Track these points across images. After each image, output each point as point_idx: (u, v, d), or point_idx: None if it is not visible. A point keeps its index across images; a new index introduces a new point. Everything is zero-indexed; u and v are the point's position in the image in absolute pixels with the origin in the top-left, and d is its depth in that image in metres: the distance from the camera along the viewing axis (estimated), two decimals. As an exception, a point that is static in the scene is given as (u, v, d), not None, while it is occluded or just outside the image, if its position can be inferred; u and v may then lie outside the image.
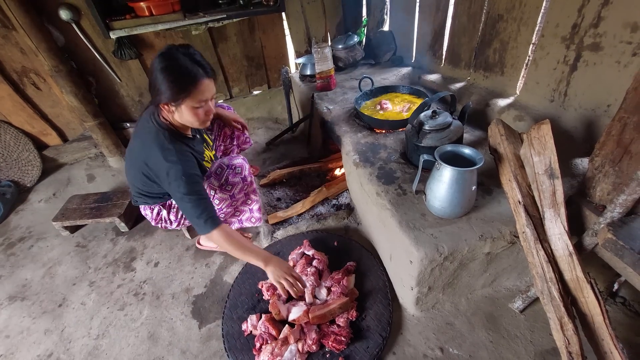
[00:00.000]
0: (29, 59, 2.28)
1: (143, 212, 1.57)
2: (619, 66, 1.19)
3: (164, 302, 1.60)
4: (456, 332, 1.30)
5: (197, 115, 1.21)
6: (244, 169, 1.53)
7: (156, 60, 1.13)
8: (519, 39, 1.55)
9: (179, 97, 1.14)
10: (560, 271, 1.05)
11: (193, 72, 1.13)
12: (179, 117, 1.22)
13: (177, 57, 1.12)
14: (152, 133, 1.25)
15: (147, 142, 1.26)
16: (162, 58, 1.12)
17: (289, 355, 1.20)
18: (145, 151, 1.27)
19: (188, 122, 1.24)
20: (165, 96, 1.14)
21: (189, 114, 1.20)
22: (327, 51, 2.09)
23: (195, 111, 1.20)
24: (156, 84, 1.13)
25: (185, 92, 1.14)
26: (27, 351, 1.48)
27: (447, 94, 1.42)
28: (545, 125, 1.14)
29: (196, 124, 1.25)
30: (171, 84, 1.12)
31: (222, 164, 1.49)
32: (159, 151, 1.22)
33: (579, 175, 1.29)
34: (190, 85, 1.14)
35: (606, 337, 0.94)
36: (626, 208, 0.96)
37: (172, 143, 1.23)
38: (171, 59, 1.12)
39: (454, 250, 1.15)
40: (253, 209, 1.66)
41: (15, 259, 1.98)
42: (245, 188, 1.57)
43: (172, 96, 1.13)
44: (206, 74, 1.17)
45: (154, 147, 1.23)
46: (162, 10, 2.17)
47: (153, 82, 1.15)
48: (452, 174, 1.11)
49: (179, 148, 1.25)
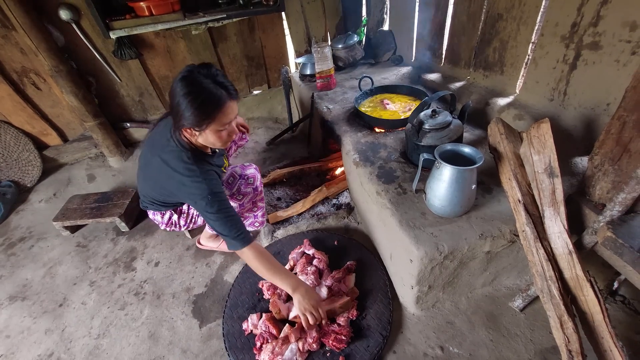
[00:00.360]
0: (29, 59, 2.28)
1: (152, 216, 1.53)
2: (618, 65, 1.20)
3: (165, 301, 1.60)
4: (456, 331, 1.31)
5: (220, 138, 1.17)
6: (256, 179, 1.56)
7: (178, 85, 1.06)
8: (518, 38, 1.55)
9: (203, 123, 1.10)
10: (560, 270, 1.05)
11: (217, 97, 1.08)
12: (202, 140, 1.18)
13: (200, 81, 1.06)
14: (174, 153, 1.20)
15: (169, 162, 1.21)
16: (184, 83, 1.06)
17: (289, 354, 1.20)
18: (167, 172, 1.21)
19: (210, 144, 1.20)
20: (189, 122, 1.09)
21: (212, 137, 1.16)
22: (327, 51, 2.09)
23: (219, 134, 1.16)
24: (179, 110, 1.08)
25: (210, 118, 1.09)
26: (28, 351, 1.48)
27: (447, 93, 1.42)
28: (544, 124, 1.15)
29: (218, 145, 1.21)
30: (196, 111, 1.06)
31: (234, 172, 1.50)
32: (183, 173, 1.18)
33: (579, 173, 1.29)
34: (216, 110, 1.09)
35: (606, 335, 0.95)
36: (626, 206, 0.96)
37: (195, 164, 1.19)
38: (194, 84, 1.06)
39: (454, 249, 1.15)
40: (258, 214, 1.68)
41: (16, 259, 1.98)
42: (254, 197, 1.58)
43: (197, 123, 1.09)
44: (230, 96, 1.11)
45: (178, 169, 1.19)
46: (162, 10, 2.17)
47: (176, 107, 1.09)
48: (452, 173, 1.11)
49: (202, 168, 1.21)
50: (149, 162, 1.30)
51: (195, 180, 1.17)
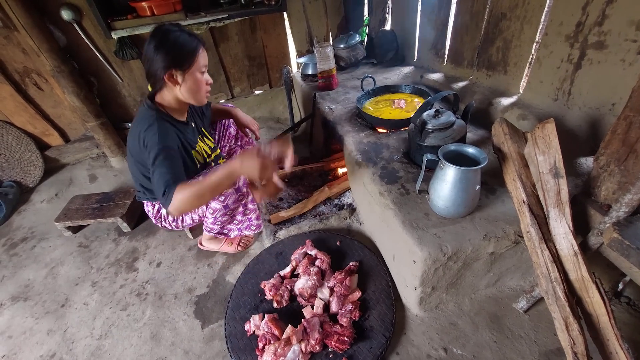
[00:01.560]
0: (30, 59, 2.28)
1: (145, 207, 1.58)
2: (623, 64, 1.19)
3: (167, 302, 1.60)
4: (460, 332, 1.30)
5: (200, 82, 1.28)
6: (239, 179, 1.47)
7: (151, 40, 1.18)
8: (522, 38, 1.54)
9: (185, 62, 1.21)
10: (565, 271, 1.04)
11: (193, 40, 1.22)
12: (186, 88, 1.26)
13: (172, 30, 1.20)
14: (141, 114, 1.30)
15: (135, 123, 1.31)
16: (157, 34, 1.19)
17: (292, 355, 1.19)
18: (133, 131, 1.31)
19: (192, 92, 1.29)
20: (170, 63, 1.19)
21: (194, 83, 1.26)
22: (328, 50, 2.09)
23: (200, 78, 1.27)
24: (157, 58, 1.18)
25: (191, 57, 1.21)
26: (30, 352, 1.48)
27: (450, 93, 1.41)
28: (549, 124, 1.14)
29: (199, 94, 1.30)
30: (176, 51, 1.18)
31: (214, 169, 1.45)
32: (142, 125, 1.26)
33: (584, 174, 1.28)
34: (194, 51, 1.22)
35: (612, 337, 0.94)
36: (632, 207, 0.95)
37: (157, 121, 1.26)
38: (168, 33, 1.19)
39: (457, 250, 1.14)
40: (252, 217, 1.62)
41: (18, 260, 1.99)
42: (240, 199, 1.51)
43: (179, 61, 1.20)
44: (201, 43, 1.26)
45: (140, 123, 1.27)
46: (163, 10, 2.17)
47: (152, 58, 1.19)
48: (456, 174, 1.10)
49: (162, 124, 1.26)
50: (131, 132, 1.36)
51: (148, 131, 1.23)
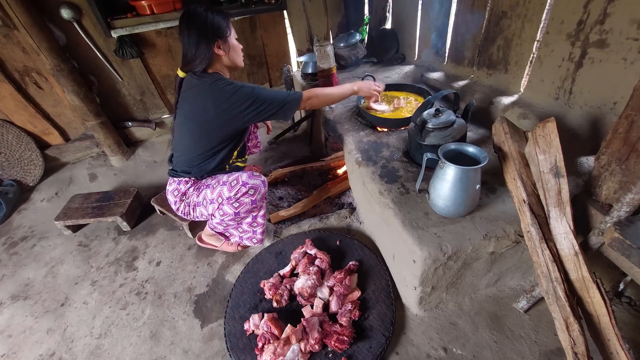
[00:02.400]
0: (30, 58, 2.28)
1: (175, 185, 1.53)
2: (625, 63, 1.18)
3: (166, 301, 1.60)
4: (460, 332, 1.29)
5: (239, 47, 1.44)
6: (258, 192, 1.45)
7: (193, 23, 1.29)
8: (523, 36, 1.53)
9: (225, 31, 1.35)
10: (565, 271, 1.04)
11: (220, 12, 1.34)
12: (231, 54, 1.40)
13: (201, 10, 1.31)
14: (208, 79, 1.34)
15: (208, 88, 1.34)
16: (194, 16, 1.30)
17: (291, 355, 1.19)
18: (206, 94, 1.34)
19: (237, 57, 1.43)
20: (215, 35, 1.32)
21: (236, 48, 1.42)
22: (328, 49, 2.08)
23: (237, 43, 1.43)
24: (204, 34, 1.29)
25: (227, 24, 1.36)
26: (30, 350, 1.48)
27: (450, 92, 1.40)
28: (550, 123, 1.13)
29: (241, 57, 1.46)
30: (214, 24, 1.31)
31: (239, 177, 1.43)
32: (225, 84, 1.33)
33: (585, 173, 1.28)
34: (227, 20, 1.36)
35: (612, 337, 0.93)
36: (633, 207, 0.94)
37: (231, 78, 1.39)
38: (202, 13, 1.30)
39: (457, 250, 1.14)
40: (257, 231, 1.62)
41: (18, 258, 1.99)
42: (253, 210, 1.52)
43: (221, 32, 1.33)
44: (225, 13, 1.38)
45: (218, 85, 1.32)
46: (163, 9, 2.17)
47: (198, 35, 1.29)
48: (456, 173, 1.10)
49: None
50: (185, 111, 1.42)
51: (237, 84, 1.33)
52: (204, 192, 1.47)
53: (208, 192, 1.46)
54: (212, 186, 1.46)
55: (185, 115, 1.42)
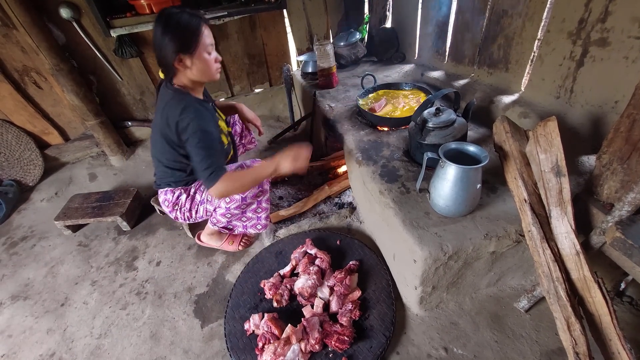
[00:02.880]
0: (29, 57, 2.27)
1: (163, 196, 1.53)
2: (627, 61, 1.17)
3: (166, 301, 1.60)
4: (460, 332, 1.29)
5: (209, 62, 1.28)
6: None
7: (157, 26, 1.19)
8: (524, 35, 1.53)
9: (190, 46, 1.21)
10: (567, 270, 1.03)
11: (194, 21, 1.21)
12: (196, 70, 1.27)
13: (174, 13, 1.20)
14: (169, 95, 1.30)
15: (167, 105, 1.30)
16: (160, 20, 1.19)
17: (291, 355, 1.19)
18: (166, 112, 1.30)
19: (203, 72, 1.30)
20: (177, 49, 1.20)
21: (203, 63, 1.27)
22: (328, 48, 2.07)
23: (208, 58, 1.27)
24: (164, 44, 1.19)
25: (195, 39, 1.21)
26: (30, 351, 1.48)
27: (450, 91, 1.40)
28: (551, 122, 1.12)
29: (210, 72, 1.31)
30: (180, 35, 1.19)
31: (243, 164, 1.47)
32: (178, 107, 1.27)
33: (586, 173, 1.27)
34: (197, 32, 1.21)
35: (614, 337, 0.93)
36: (635, 206, 0.94)
37: (193, 102, 1.30)
38: (170, 17, 1.19)
39: (458, 249, 1.14)
40: (261, 216, 1.62)
41: (18, 258, 1.99)
42: (259, 195, 1.52)
43: (185, 46, 1.20)
44: (204, 21, 1.24)
45: (173, 106, 1.28)
46: (162, 8, 2.16)
47: (160, 45, 1.20)
48: (457, 172, 1.09)
49: (199, 107, 1.30)
50: (155, 122, 1.39)
51: (187, 114, 1.25)
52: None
53: None
54: None
55: (155, 124, 1.40)
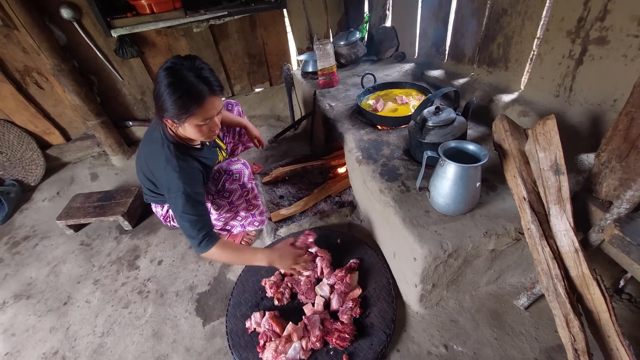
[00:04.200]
0: (31, 58, 2.28)
1: (154, 209, 1.58)
2: (625, 60, 1.18)
3: (168, 299, 1.61)
4: (460, 329, 1.30)
5: (200, 132, 1.17)
6: (243, 175, 1.45)
7: (161, 74, 1.07)
8: (523, 34, 1.53)
9: (182, 117, 1.10)
10: (566, 268, 1.04)
11: (198, 90, 1.07)
12: (183, 131, 1.19)
13: (182, 73, 1.06)
14: (158, 144, 1.22)
15: (153, 152, 1.24)
16: (167, 73, 1.06)
17: (292, 352, 1.20)
18: (151, 161, 1.26)
19: (191, 136, 1.20)
20: (167, 114, 1.10)
21: (192, 131, 1.16)
22: (328, 48, 2.08)
23: (199, 128, 1.16)
24: (160, 100, 1.09)
25: (189, 112, 1.09)
26: (33, 349, 1.49)
27: (450, 90, 1.40)
28: (550, 120, 1.13)
29: (200, 138, 1.22)
30: (174, 103, 1.07)
31: (220, 168, 1.44)
32: (163, 164, 1.20)
33: (585, 171, 1.28)
34: (195, 105, 1.08)
35: (612, 334, 0.94)
36: (633, 204, 0.94)
37: (176, 158, 1.19)
38: (176, 75, 1.06)
39: (458, 247, 1.14)
40: (255, 213, 1.62)
41: (20, 258, 2.00)
42: (245, 194, 1.50)
43: (176, 115, 1.09)
44: (212, 92, 1.11)
45: (159, 159, 1.21)
46: (163, 8, 2.16)
47: (157, 95, 1.10)
48: (456, 171, 1.10)
49: (183, 164, 1.21)
50: (140, 154, 1.36)
51: (171, 175, 1.18)
52: None
53: None
54: None
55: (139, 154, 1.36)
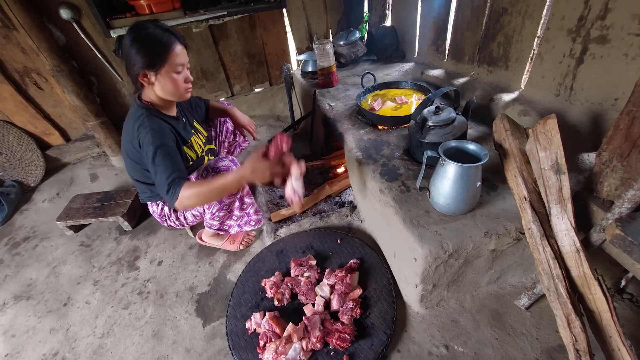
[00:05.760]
0: (30, 58, 2.28)
1: (150, 208, 1.58)
2: (626, 59, 1.17)
3: (168, 300, 1.60)
4: (461, 330, 1.29)
5: (176, 82, 1.23)
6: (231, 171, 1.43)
7: (127, 36, 1.15)
8: (523, 33, 1.52)
9: (157, 62, 1.17)
10: (567, 268, 1.04)
11: (166, 38, 1.17)
12: (161, 87, 1.23)
13: (147, 26, 1.16)
14: (132, 114, 1.28)
15: (128, 123, 1.29)
16: (132, 30, 1.16)
17: (293, 353, 1.19)
18: (127, 132, 1.30)
19: (169, 92, 1.25)
20: (142, 64, 1.16)
21: (169, 82, 1.22)
22: (328, 47, 2.07)
23: (175, 78, 1.22)
24: (131, 56, 1.16)
25: (163, 56, 1.17)
26: (33, 350, 1.49)
27: (450, 90, 1.40)
28: (551, 119, 1.12)
29: (177, 93, 1.27)
30: (147, 50, 1.14)
31: (208, 166, 1.42)
32: (136, 127, 1.24)
33: (586, 170, 1.27)
34: (166, 50, 1.16)
35: (614, 334, 0.93)
36: (635, 203, 0.94)
37: (147, 117, 1.24)
38: (141, 29, 1.15)
39: (458, 247, 1.14)
40: (250, 212, 1.59)
41: (20, 259, 1.99)
42: (236, 192, 1.49)
43: (150, 62, 1.16)
44: (178, 39, 1.20)
45: (133, 125, 1.26)
46: (162, 8, 2.16)
47: (128, 56, 1.17)
48: (457, 170, 1.10)
49: (153, 123, 1.24)
50: (123, 139, 1.37)
51: (141, 131, 1.22)
52: None
53: None
54: None
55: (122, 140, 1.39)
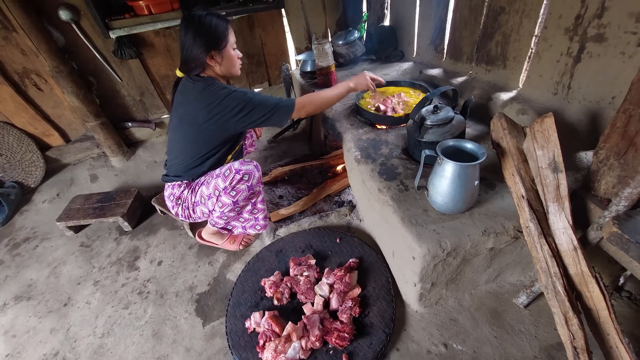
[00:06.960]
0: (29, 60, 2.28)
1: (170, 190, 1.56)
2: (623, 57, 1.17)
3: (168, 300, 1.61)
4: (460, 328, 1.30)
5: (234, 58, 1.41)
6: (252, 177, 1.47)
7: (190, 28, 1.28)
8: (521, 32, 1.53)
9: (221, 43, 1.33)
10: (564, 266, 1.04)
11: (222, 21, 1.33)
12: (225, 65, 1.39)
13: (202, 15, 1.29)
14: (201, 83, 1.35)
15: (191, 94, 1.36)
16: (191, 22, 1.29)
17: (292, 352, 1.20)
18: (199, 98, 1.34)
19: (231, 67, 1.42)
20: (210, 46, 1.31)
21: (231, 58, 1.40)
22: (327, 47, 2.08)
23: (234, 54, 1.41)
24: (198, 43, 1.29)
25: (224, 37, 1.34)
26: (34, 350, 1.49)
27: (448, 89, 1.41)
28: (548, 118, 1.13)
29: (235, 68, 1.44)
30: (213, 34, 1.30)
31: (232, 166, 1.45)
32: (205, 90, 1.33)
33: (583, 168, 1.28)
34: (226, 31, 1.34)
35: (612, 331, 0.93)
36: (632, 201, 0.94)
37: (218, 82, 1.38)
38: (200, 18, 1.29)
39: (456, 246, 1.14)
40: (259, 217, 1.63)
41: (21, 259, 2.00)
42: (251, 197, 1.52)
43: (216, 43, 1.32)
44: (227, 22, 1.36)
45: (199, 90, 1.34)
46: (161, 9, 2.17)
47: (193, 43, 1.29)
48: (455, 169, 1.10)
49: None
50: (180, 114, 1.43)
51: (229, 87, 1.35)
52: (199, 190, 1.48)
53: (204, 189, 1.47)
54: (206, 182, 1.47)
55: (179, 117, 1.43)
